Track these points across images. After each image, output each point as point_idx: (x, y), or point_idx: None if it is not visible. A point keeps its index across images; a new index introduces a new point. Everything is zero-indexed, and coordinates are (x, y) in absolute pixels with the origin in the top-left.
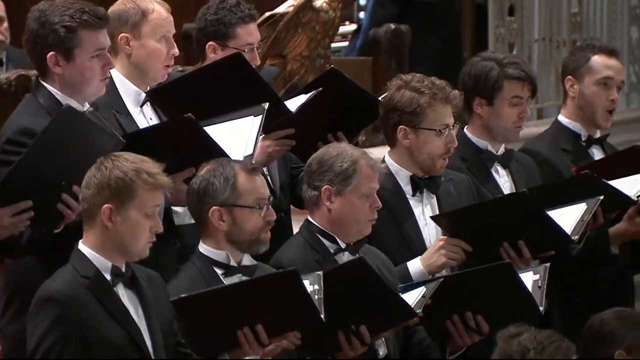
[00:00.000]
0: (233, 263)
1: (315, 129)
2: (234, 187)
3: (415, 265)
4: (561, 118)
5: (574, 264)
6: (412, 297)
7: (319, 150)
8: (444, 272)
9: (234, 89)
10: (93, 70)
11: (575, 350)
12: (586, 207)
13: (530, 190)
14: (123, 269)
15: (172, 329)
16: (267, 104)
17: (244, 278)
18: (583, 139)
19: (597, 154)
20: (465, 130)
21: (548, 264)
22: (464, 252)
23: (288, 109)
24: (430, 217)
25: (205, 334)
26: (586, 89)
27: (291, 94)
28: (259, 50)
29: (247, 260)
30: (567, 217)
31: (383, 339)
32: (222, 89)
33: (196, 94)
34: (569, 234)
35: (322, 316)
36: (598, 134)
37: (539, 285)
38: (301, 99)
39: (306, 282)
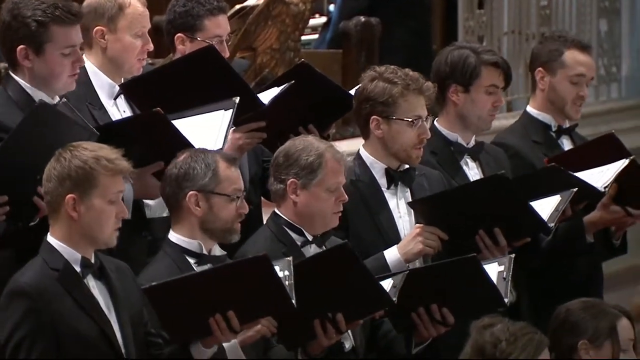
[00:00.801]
0: (205, 252)
1: (287, 121)
2: (215, 173)
3: (392, 254)
4: (530, 109)
5: (545, 256)
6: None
7: (286, 143)
8: (418, 262)
9: (206, 82)
10: (62, 65)
11: (548, 343)
12: (560, 199)
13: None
14: (92, 260)
15: (141, 319)
16: (238, 98)
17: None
18: (553, 130)
19: (566, 144)
20: (435, 122)
21: (513, 255)
22: (440, 240)
23: (261, 101)
24: (408, 203)
25: (177, 322)
26: (558, 83)
27: (262, 86)
28: (229, 43)
29: (217, 250)
30: (543, 208)
31: (349, 331)
32: (195, 82)
33: (169, 87)
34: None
35: (294, 302)
36: (567, 124)
37: (504, 276)
38: (273, 91)
39: (276, 268)
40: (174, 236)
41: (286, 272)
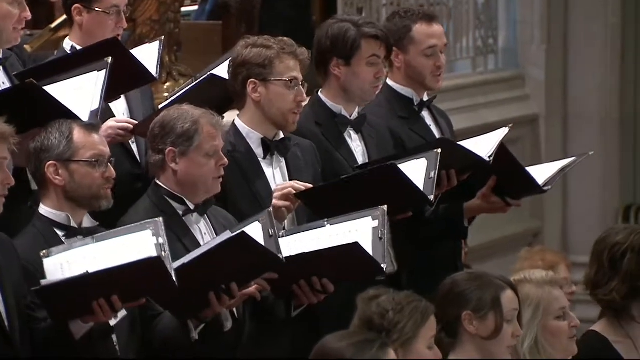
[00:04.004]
0: (73, 224)
1: None
2: (69, 141)
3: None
4: (392, 83)
5: (429, 229)
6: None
7: (160, 114)
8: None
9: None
10: None
11: (434, 310)
12: (427, 162)
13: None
14: None
15: (23, 291)
16: (111, 58)
17: (86, 239)
18: (415, 104)
19: (427, 117)
20: (320, 94)
21: (385, 207)
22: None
23: (154, 76)
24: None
25: (62, 307)
26: (412, 60)
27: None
28: (127, 15)
29: (87, 221)
30: (414, 175)
31: (229, 310)
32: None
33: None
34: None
35: (174, 280)
36: (426, 97)
37: (380, 236)
38: (148, 48)
39: (148, 233)
40: (43, 209)
41: (160, 240)
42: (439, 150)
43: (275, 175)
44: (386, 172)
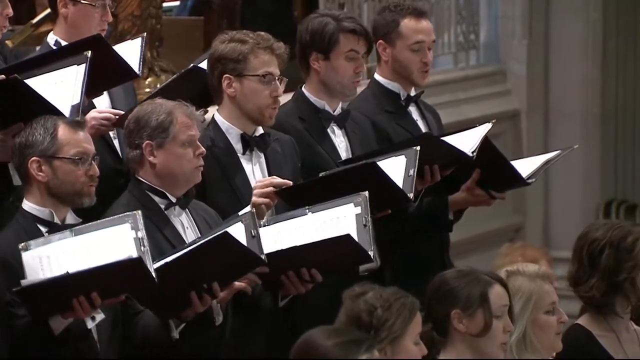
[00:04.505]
0: (57, 220)
1: None
2: (53, 137)
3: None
4: (379, 78)
5: (411, 222)
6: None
7: (134, 110)
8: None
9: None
10: None
11: (420, 305)
12: (406, 159)
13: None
14: None
15: (2, 289)
16: (90, 52)
17: (64, 233)
18: (402, 99)
19: (414, 112)
20: (303, 89)
21: (366, 193)
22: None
23: (136, 73)
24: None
25: (43, 306)
26: (399, 54)
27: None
28: (112, 10)
29: (70, 218)
30: (393, 173)
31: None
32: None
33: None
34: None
35: (154, 277)
36: (413, 92)
37: (364, 223)
38: (130, 46)
39: (126, 227)
40: (26, 204)
41: (139, 234)
42: (418, 148)
43: (255, 170)
44: (366, 170)
